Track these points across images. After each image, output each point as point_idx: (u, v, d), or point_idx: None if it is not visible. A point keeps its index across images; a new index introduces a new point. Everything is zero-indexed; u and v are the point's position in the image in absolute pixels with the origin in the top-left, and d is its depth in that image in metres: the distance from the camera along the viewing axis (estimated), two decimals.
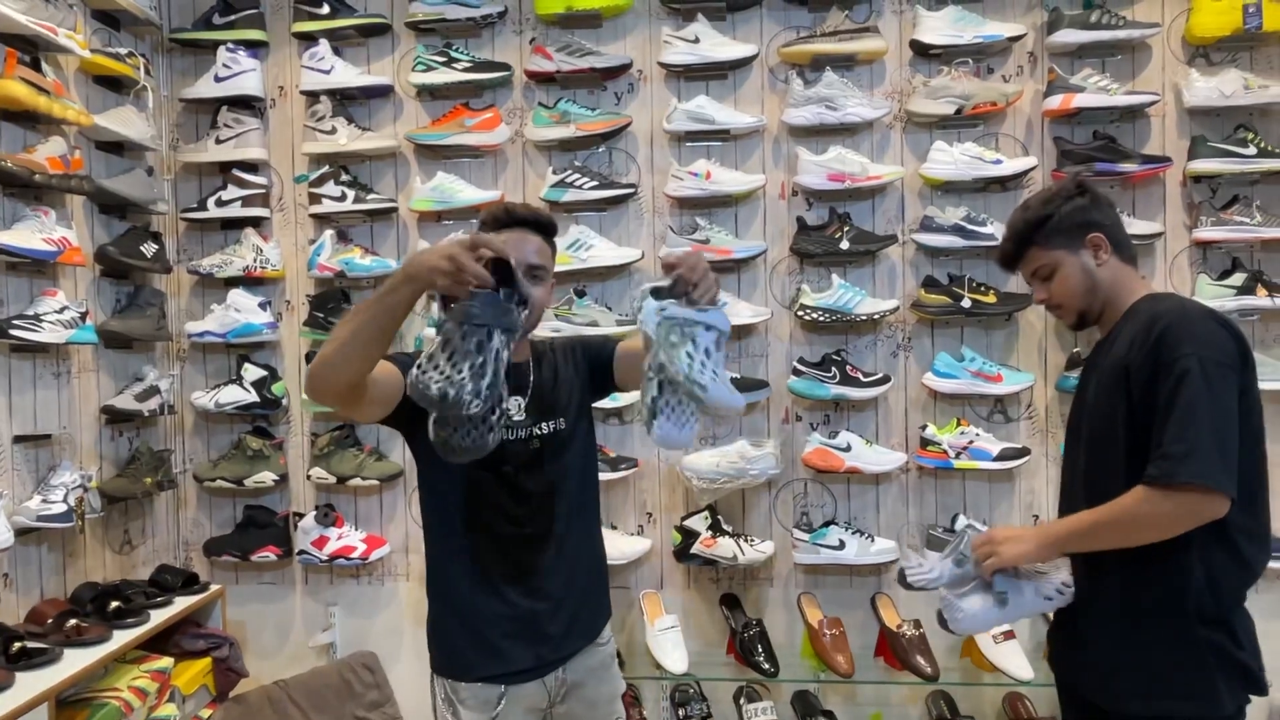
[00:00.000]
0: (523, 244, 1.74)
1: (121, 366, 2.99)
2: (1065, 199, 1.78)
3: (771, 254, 3.02)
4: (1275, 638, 2.86)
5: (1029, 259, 1.81)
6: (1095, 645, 1.71)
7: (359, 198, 3.06)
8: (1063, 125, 2.93)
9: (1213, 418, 1.55)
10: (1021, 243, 1.81)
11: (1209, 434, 1.54)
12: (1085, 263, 1.76)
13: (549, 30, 3.09)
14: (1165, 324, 1.61)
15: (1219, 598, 1.63)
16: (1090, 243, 1.76)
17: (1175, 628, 1.62)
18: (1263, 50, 2.88)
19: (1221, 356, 1.59)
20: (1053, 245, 1.77)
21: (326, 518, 3.07)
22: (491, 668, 1.73)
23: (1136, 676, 1.65)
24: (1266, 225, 2.78)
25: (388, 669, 3.14)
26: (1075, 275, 1.77)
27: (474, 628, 1.74)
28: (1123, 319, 1.75)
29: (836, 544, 2.87)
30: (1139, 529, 1.59)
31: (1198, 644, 1.62)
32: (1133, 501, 1.58)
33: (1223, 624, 1.64)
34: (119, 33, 3.01)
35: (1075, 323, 1.83)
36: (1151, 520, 1.58)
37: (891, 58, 2.98)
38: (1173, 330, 1.60)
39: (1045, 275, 1.80)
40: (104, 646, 2.43)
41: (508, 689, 1.73)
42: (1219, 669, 1.63)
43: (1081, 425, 1.80)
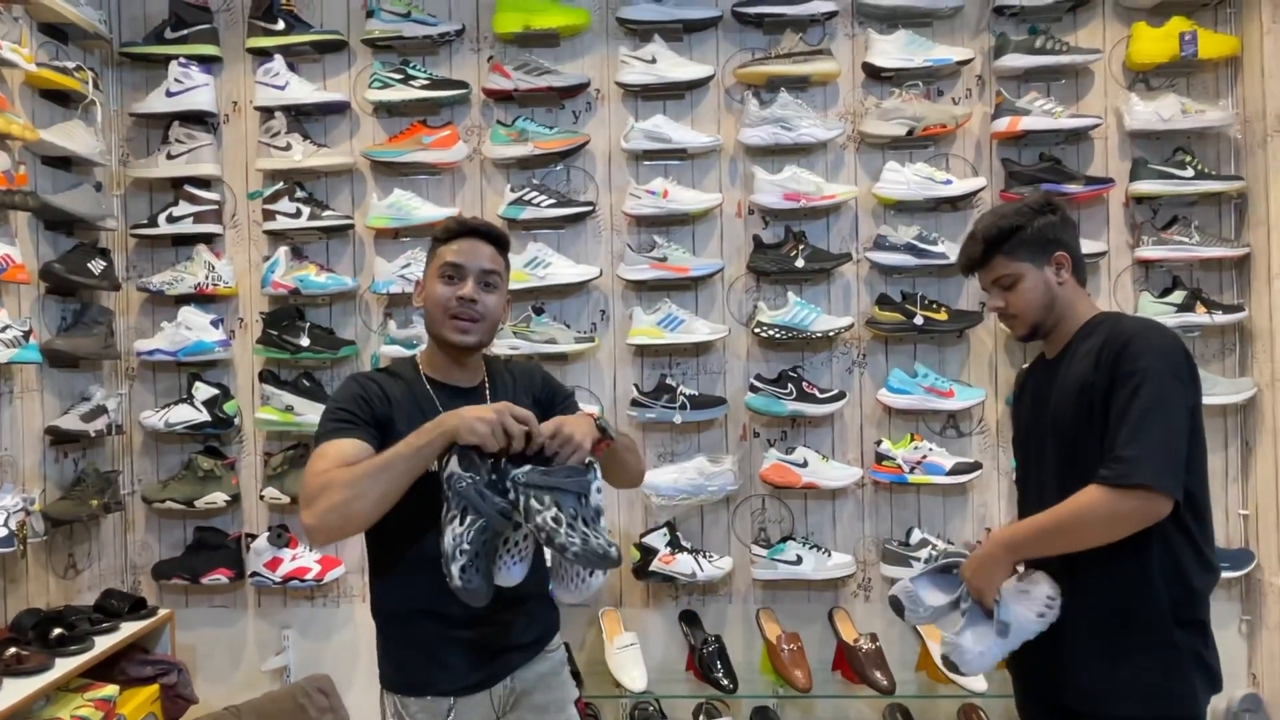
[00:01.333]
0: (477, 252, 1.75)
1: (67, 386, 2.92)
2: (1037, 213, 1.81)
3: (729, 272, 3.05)
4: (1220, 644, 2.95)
5: (994, 266, 1.83)
6: (1080, 653, 1.72)
7: (314, 214, 3.03)
8: (1010, 147, 3.00)
9: (1165, 425, 1.62)
10: (990, 249, 1.82)
11: (1161, 439, 1.61)
12: (1048, 278, 1.80)
13: (507, 49, 3.10)
14: (1127, 338, 1.68)
15: (1193, 601, 1.70)
16: (1055, 260, 1.80)
17: (1157, 631, 1.67)
18: (1198, 76, 2.99)
19: (1178, 371, 1.66)
20: (1019, 256, 1.80)
21: (280, 539, 3.01)
22: (440, 683, 1.70)
23: (1121, 680, 1.68)
24: (1204, 245, 2.88)
25: (343, 692, 3.07)
26: (1036, 289, 1.80)
27: (422, 645, 1.72)
28: (1078, 337, 1.80)
29: (794, 559, 2.90)
30: (1088, 529, 1.64)
31: (1177, 646, 1.68)
32: (1083, 501, 1.63)
33: (1197, 625, 1.71)
34: (67, 46, 2.96)
35: (1026, 335, 1.86)
36: (1100, 520, 1.63)
37: (844, 80, 3.04)
38: (1134, 343, 1.67)
39: (1007, 285, 1.82)
40: (45, 675, 2.36)
41: (456, 701, 1.71)
42: (1196, 669, 1.69)
43: (1046, 445, 1.81)
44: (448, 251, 1.76)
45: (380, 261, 3.03)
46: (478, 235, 1.78)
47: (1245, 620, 2.94)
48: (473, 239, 1.77)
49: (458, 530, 1.49)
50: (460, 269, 1.74)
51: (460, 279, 1.73)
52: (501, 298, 1.80)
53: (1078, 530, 1.66)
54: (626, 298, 3.07)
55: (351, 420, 1.67)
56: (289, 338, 3.01)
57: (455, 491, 1.50)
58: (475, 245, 1.76)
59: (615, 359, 3.09)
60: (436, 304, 1.74)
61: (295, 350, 3.01)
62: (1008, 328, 1.90)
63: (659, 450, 3.06)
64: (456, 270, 1.74)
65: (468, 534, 1.48)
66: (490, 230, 1.81)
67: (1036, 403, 1.86)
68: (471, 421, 1.52)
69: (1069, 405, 1.74)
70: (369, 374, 1.80)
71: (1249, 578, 2.91)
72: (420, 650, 1.71)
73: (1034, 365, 1.97)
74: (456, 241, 1.76)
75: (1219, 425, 2.97)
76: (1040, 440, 1.83)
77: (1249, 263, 2.91)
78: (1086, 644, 1.72)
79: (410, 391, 1.76)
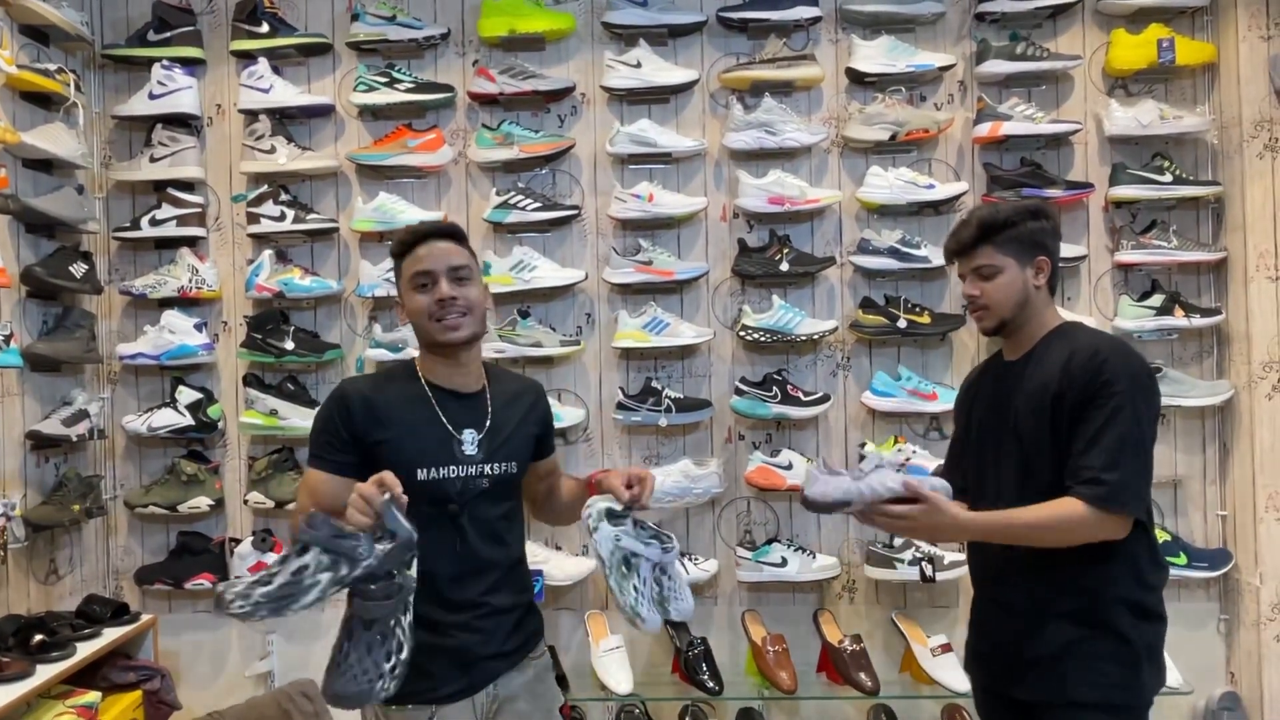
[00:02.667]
0: (439, 252, 1.75)
1: (48, 390, 2.90)
2: (1032, 215, 1.87)
3: (713, 275, 3.07)
4: (1198, 644, 3.00)
5: (981, 253, 1.87)
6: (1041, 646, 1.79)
7: (299, 218, 3.02)
8: (992, 152, 3.03)
9: (1143, 453, 1.73)
10: (982, 236, 1.86)
11: (1141, 468, 1.73)
12: (1026, 278, 1.85)
13: (492, 52, 3.10)
14: (1100, 355, 1.75)
15: (1150, 596, 1.80)
16: (1037, 263, 1.86)
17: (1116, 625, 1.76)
18: (1176, 83, 3.03)
19: (1150, 397, 1.78)
20: (1006, 250, 1.85)
21: (264, 543, 3.00)
22: (421, 691, 1.68)
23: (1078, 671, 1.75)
24: (1182, 249, 2.91)
25: None
26: (1014, 286, 1.85)
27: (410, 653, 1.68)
28: (1042, 343, 1.87)
29: (779, 561, 2.91)
30: (1058, 536, 1.74)
31: (1132, 641, 1.76)
32: (1064, 513, 1.71)
33: (1155, 618, 1.81)
34: (48, 48, 2.94)
35: (993, 328, 1.90)
36: (1074, 532, 1.73)
37: (828, 85, 3.06)
38: (1109, 363, 1.74)
39: (987, 275, 1.87)
40: (26, 682, 2.33)
41: (437, 709, 1.70)
42: (1149, 661, 1.78)
43: (1006, 446, 1.86)
44: (413, 262, 1.76)
45: (365, 265, 3.03)
46: (434, 237, 1.78)
47: (1223, 619, 2.98)
48: (430, 241, 1.77)
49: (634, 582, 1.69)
50: (430, 274, 1.74)
51: (433, 283, 1.73)
52: (478, 286, 1.79)
53: (1047, 536, 1.75)
54: (612, 301, 3.08)
55: (327, 447, 1.72)
56: (273, 341, 3.00)
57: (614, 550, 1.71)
58: (435, 246, 1.76)
59: (601, 362, 3.10)
60: (419, 314, 1.74)
61: (280, 354, 3.00)
62: (976, 319, 1.93)
63: (644, 453, 3.07)
64: (427, 276, 1.74)
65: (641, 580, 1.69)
66: (444, 229, 1.82)
67: (997, 403, 1.90)
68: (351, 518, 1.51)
69: (1032, 411, 1.80)
70: (354, 384, 1.80)
71: (1227, 577, 2.94)
72: None
73: (988, 365, 2.03)
74: (416, 249, 1.76)
75: (1196, 427, 3.01)
76: (999, 440, 1.88)
77: (1226, 266, 2.95)
78: (1048, 638, 1.78)
79: (406, 394, 1.76)
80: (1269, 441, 2.83)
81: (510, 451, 1.80)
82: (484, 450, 1.75)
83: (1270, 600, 2.81)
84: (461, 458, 1.73)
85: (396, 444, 1.69)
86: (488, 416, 1.78)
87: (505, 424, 1.80)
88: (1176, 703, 2.90)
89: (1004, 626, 1.86)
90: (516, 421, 1.83)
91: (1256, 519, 2.84)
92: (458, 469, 1.72)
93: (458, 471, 1.72)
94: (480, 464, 1.75)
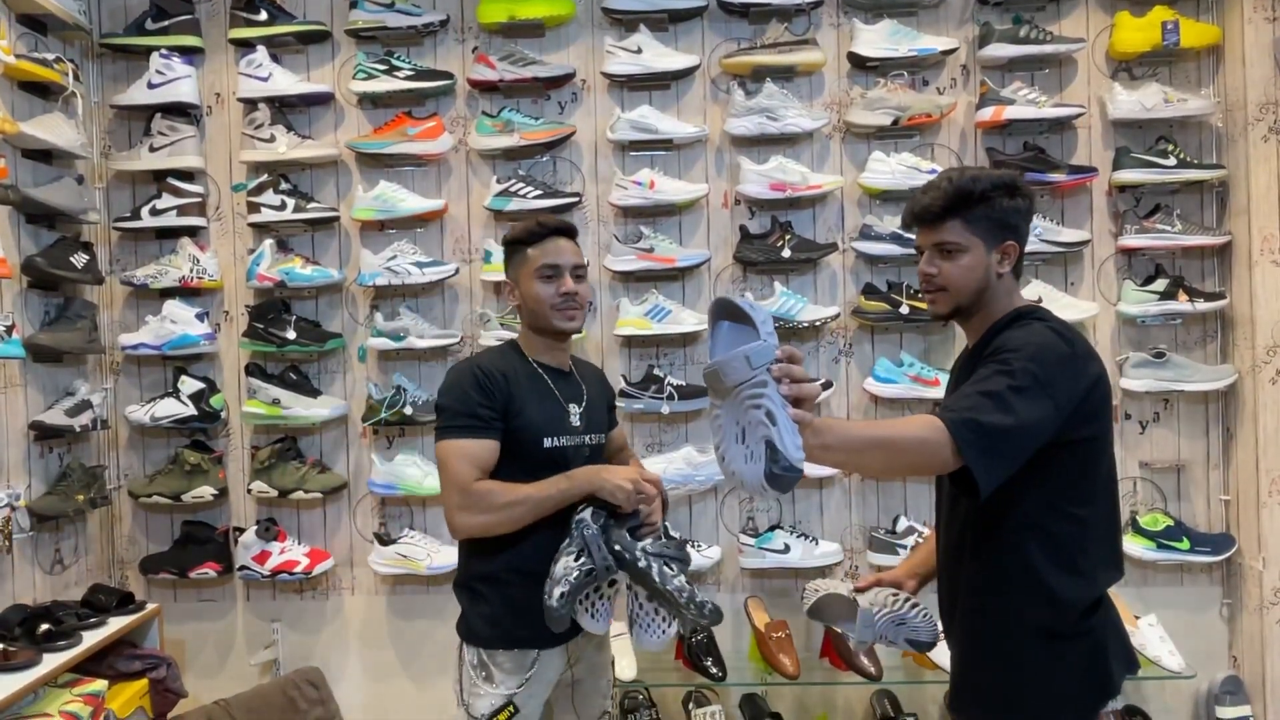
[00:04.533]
0: (566, 250, 1.98)
1: (51, 381, 2.90)
2: (1008, 191, 1.65)
3: (715, 262, 3.06)
4: (1201, 628, 3.01)
5: (948, 228, 1.65)
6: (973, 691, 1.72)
7: (299, 207, 3.01)
8: (994, 136, 3.02)
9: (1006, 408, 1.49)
10: (951, 209, 1.64)
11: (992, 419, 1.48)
12: (990, 263, 1.66)
13: (492, 39, 3.09)
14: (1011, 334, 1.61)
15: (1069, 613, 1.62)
16: (1004, 248, 1.67)
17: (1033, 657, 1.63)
18: (1180, 65, 3.01)
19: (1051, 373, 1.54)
20: (975, 230, 1.65)
21: (268, 532, 3.01)
22: (532, 638, 1.91)
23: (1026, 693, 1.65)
24: (1186, 233, 2.90)
25: (333, 684, 3.09)
26: (977, 270, 1.66)
27: (517, 604, 1.91)
28: (992, 330, 1.68)
29: (782, 548, 2.91)
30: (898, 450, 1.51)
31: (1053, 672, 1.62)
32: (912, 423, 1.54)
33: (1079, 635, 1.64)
34: (46, 37, 2.93)
35: (946, 314, 1.72)
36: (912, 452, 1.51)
37: (830, 70, 3.04)
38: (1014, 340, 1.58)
39: (950, 252, 1.66)
40: (33, 671, 2.35)
41: (540, 653, 1.93)
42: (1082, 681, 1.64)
43: None
44: (541, 253, 1.96)
45: (366, 254, 3.02)
46: (560, 234, 2.00)
47: (1226, 604, 2.98)
48: (557, 238, 1.99)
49: (570, 564, 1.79)
50: (557, 268, 1.96)
51: (559, 277, 1.96)
52: (587, 283, 2.04)
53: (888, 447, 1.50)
54: (614, 288, 3.08)
55: (480, 417, 1.89)
56: (275, 331, 3.00)
57: (580, 534, 1.80)
58: (564, 244, 1.99)
59: (603, 350, 3.09)
60: (540, 301, 1.96)
61: (281, 343, 3.00)
62: (929, 301, 1.73)
63: (647, 441, 3.07)
64: (555, 270, 1.96)
65: (576, 570, 1.78)
66: (569, 228, 2.03)
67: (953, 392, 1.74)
68: (615, 486, 1.83)
69: None
70: (481, 362, 1.99)
71: (1229, 562, 2.95)
72: (515, 608, 1.91)
73: (961, 355, 1.86)
74: (544, 243, 1.97)
75: (1200, 412, 3.00)
76: None
77: (1230, 250, 2.94)
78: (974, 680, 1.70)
79: (524, 371, 1.98)
80: (1273, 426, 2.83)
81: (600, 423, 2.08)
82: (584, 422, 2.01)
83: (1273, 584, 2.81)
84: (570, 429, 1.98)
85: (529, 415, 1.92)
86: (583, 393, 2.05)
87: (594, 399, 2.07)
88: (1179, 687, 2.91)
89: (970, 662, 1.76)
90: (597, 397, 2.09)
91: (1260, 503, 2.84)
92: (570, 438, 1.97)
93: (570, 440, 1.98)
94: (583, 434, 2.01)
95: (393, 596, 3.13)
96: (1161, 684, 2.91)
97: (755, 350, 1.28)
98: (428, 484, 2.96)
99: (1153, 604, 2.93)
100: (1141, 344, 2.97)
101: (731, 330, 1.37)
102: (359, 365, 3.12)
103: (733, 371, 1.28)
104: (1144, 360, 2.91)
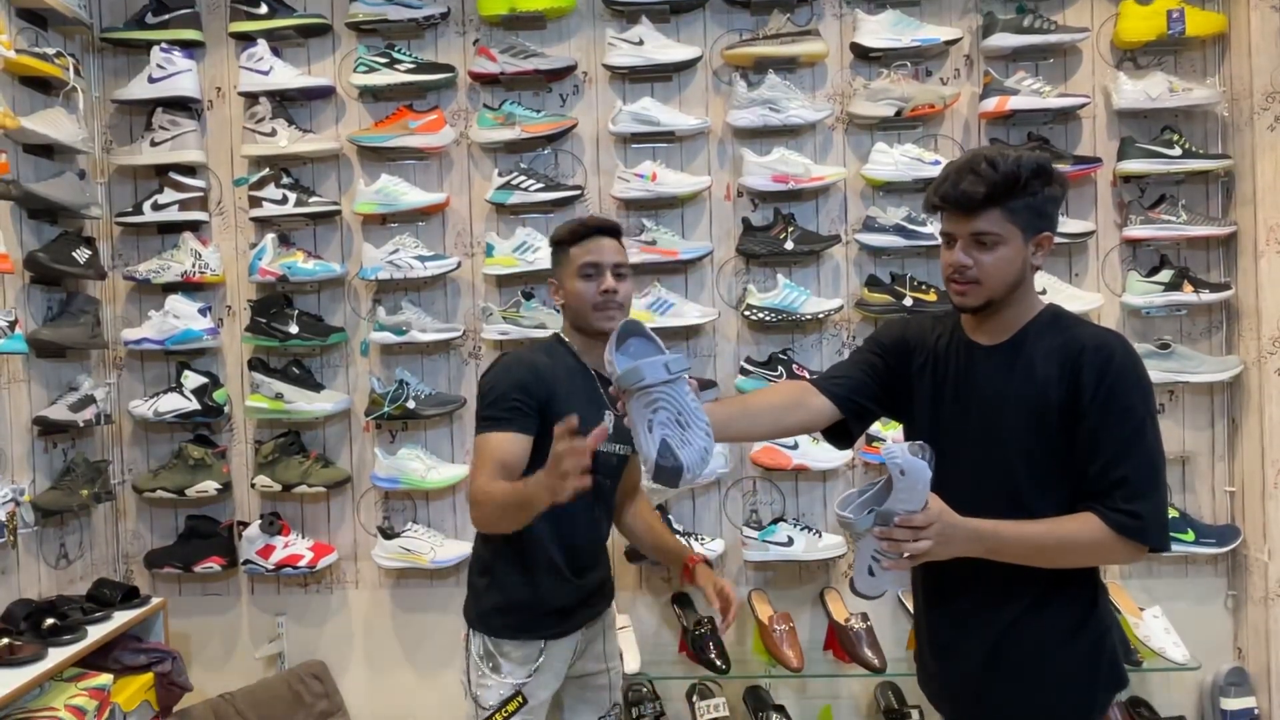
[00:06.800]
0: (607, 248, 1.97)
1: (54, 376, 2.90)
2: (1046, 179, 1.55)
3: (718, 255, 3.05)
4: (1206, 619, 3.01)
5: (986, 217, 1.53)
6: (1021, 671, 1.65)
7: (300, 201, 3.01)
8: (998, 127, 3.00)
9: (1162, 480, 1.57)
10: (994, 196, 1.52)
11: (1163, 498, 1.57)
12: (1028, 256, 1.57)
13: (492, 32, 3.07)
14: (1104, 354, 1.54)
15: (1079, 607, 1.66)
16: (1040, 239, 1.58)
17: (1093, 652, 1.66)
18: (1186, 55, 2.99)
19: (1155, 405, 1.60)
20: (1016, 220, 1.53)
21: (272, 526, 3.01)
22: (541, 627, 1.95)
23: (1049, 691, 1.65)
24: (1191, 224, 2.88)
25: (337, 678, 3.10)
26: (1015, 262, 1.55)
27: (528, 594, 1.94)
28: (1030, 331, 1.62)
29: (785, 541, 2.91)
30: (1078, 558, 1.58)
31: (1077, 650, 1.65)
32: (1091, 535, 1.53)
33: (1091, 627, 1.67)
34: (46, 32, 2.92)
35: (978, 307, 1.60)
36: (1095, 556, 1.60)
37: (832, 60, 3.03)
38: (1117, 368, 1.54)
39: (989, 244, 1.54)
40: (39, 665, 2.36)
41: (548, 644, 1.96)
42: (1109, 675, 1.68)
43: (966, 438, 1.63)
44: (582, 252, 1.96)
45: (368, 248, 3.02)
46: (602, 233, 1.99)
47: (1231, 595, 2.98)
48: (599, 237, 1.98)
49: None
50: (599, 267, 1.95)
51: (599, 275, 1.95)
52: (630, 282, 2.03)
53: (1069, 557, 1.57)
54: None
55: (515, 410, 1.85)
56: (277, 325, 3.00)
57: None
58: (606, 243, 1.98)
59: None
60: (582, 300, 1.95)
61: (284, 338, 3.00)
62: (958, 294, 1.60)
63: None
64: (595, 269, 1.95)
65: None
66: (611, 227, 2.03)
67: (971, 393, 1.64)
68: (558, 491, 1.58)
69: (1027, 414, 1.57)
70: (525, 355, 1.98)
71: (1234, 553, 2.94)
72: (526, 599, 1.94)
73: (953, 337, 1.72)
74: (586, 242, 1.97)
75: (1205, 403, 2.99)
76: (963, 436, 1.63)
77: (1236, 241, 2.92)
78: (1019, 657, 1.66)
79: (570, 368, 1.96)
80: (1278, 417, 2.82)
81: (627, 436, 1.86)
82: (617, 430, 1.81)
83: (1278, 576, 2.81)
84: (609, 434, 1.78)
85: (562, 409, 1.78)
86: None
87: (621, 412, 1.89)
88: (1183, 679, 2.91)
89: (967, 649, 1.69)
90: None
91: (1265, 495, 2.83)
92: (607, 444, 1.88)
93: (607, 447, 1.92)
94: (615, 442, 1.94)
95: (397, 590, 3.14)
96: (1166, 676, 2.90)
97: (674, 359, 1.47)
98: (431, 478, 2.96)
99: (1157, 596, 2.92)
100: (1146, 335, 2.96)
101: (638, 343, 1.55)
102: (361, 359, 3.12)
103: (652, 372, 1.44)
104: (1149, 351, 2.89)
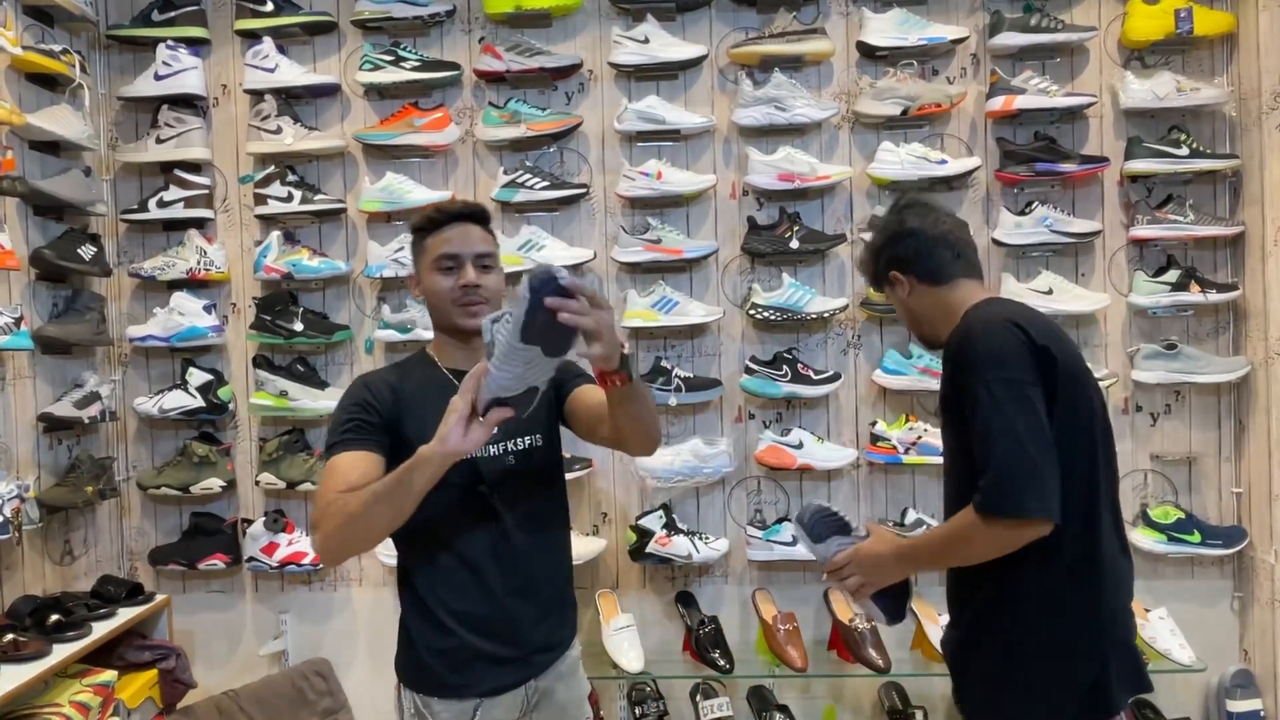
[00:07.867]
0: (468, 237, 1.75)
1: (60, 373, 2.91)
2: (873, 245, 1.90)
3: (723, 253, 3.04)
4: (1212, 621, 3.00)
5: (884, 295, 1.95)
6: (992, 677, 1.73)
7: (306, 198, 3.01)
8: (1005, 126, 2.99)
9: (1009, 442, 1.53)
10: (872, 282, 1.97)
11: (1010, 460, 1.53)
12: (900, 298, 1.87)
13: (498, 29, 3.07)
14: (955, 347, 1.68)
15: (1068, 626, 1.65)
16: (892, 280, 1.87)
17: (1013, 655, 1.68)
18: (1194, 54, 2.97)
19: (1010, 373, 1.57)
20: (883, 286, 1.92)
21: (276, 524, 3.02)
22: (469, 685, 1.70)
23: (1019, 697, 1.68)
24: (1198, 224, 2.87)
25: (341, 676, 3.10)
26: (900, 309, 1.91)
27: (449, 649, 1.70)
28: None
29: (789, 540, 2.90)
30: (970, 550, 1.64)
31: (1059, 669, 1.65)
32: (962, 525, 1.61)
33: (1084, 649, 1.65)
34: (52, 29, 2.92)
35: (929, 345, 1.90)
36: (979, 544, 1.61)
37: (838, 59, 3.02)
38: (963, 353, 1.64)
39: (895, 309, 1.97)
40: (43, 661, 2.36)
41: (482, 701, 1.70)
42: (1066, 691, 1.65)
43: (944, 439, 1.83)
44: (439, 242, 1.74)
45: (373, 245, 3.02)
46: (463, 219, 1.76)
47: (1237, 597, 2.97)
48: (459, 224, 1.75)
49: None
50: (457, 258, 1.73)
51: (458, 267, 1.73)
52: (499, 274, 1.80)
53: (962, 552, 1.66)
54: (621, 280, 3.06)
55: (357, 428, 1.66)
56: (282, 323, 3.00)
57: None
58: (464, 230, 1.75)
59: None
60: (440, 296, 1.74)
61: (289, 335, 3.00)
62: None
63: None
64: (454, 260, 1.73)
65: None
66: (473, 211, 1.79)
67: None
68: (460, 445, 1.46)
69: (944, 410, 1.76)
70: (375, 374, 1.79)
71: (1241, 555, 2.93)
72: (447, 654, 1.70)
73: None
74: (444, 230, 1.75)
75: (1212, 404, 2.98)
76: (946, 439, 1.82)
77: (1243, 241, 2.91)
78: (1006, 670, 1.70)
79: (426, 380, 1.75)
80: None
81: (531, 423, 1.74)
82: (502, 427, 1.55)
83: None
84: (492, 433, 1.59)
85: (421, 428, 1.59)
86: None
87: None
88: (1189, 680, 2.90)
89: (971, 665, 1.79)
90: None
91: (1272, 496, 2.82)
92: (482, 448, 1.67)
93: (482, 451, 1.69)
94: (501, 440, 1.72)
95: None
96: (1172, 677, 2.89)
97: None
98: None
99: (1163, 597, 2.91)
100: (1153, 335, 2.95)
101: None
102: (366, 357, 3.12)
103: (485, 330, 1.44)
104: (1155, 352, 2.89)
